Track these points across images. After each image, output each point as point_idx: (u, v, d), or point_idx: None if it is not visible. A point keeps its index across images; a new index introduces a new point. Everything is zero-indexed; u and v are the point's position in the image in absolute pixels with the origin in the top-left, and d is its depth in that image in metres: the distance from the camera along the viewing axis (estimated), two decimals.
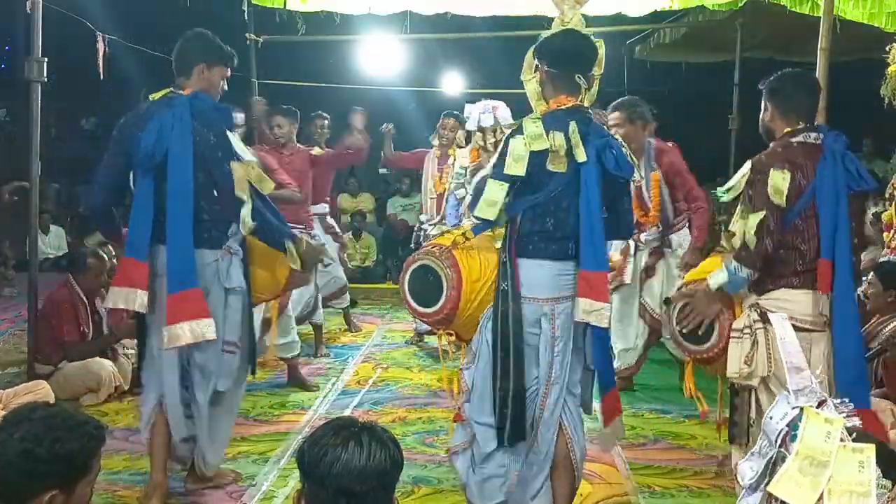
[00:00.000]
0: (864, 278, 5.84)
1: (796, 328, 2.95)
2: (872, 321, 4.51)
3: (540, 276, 3.01)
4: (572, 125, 2.97)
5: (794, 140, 3.18)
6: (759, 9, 7.32)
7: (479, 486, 3.12)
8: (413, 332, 6.78)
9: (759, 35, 8.68)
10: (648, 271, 5.18)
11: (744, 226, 3.12)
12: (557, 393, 3.06)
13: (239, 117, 5.18)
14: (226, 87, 3.69)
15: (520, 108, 3.96)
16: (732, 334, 3.19)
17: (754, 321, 3.14)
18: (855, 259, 3.28)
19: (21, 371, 5.39)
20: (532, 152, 2.97)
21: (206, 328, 3.38)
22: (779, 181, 3.06)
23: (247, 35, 7.22)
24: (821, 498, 1.46)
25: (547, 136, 2.96)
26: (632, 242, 5.14)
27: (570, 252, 3.05)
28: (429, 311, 3.27)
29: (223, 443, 3.79)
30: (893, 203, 5.81)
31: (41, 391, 4.23)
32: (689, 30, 9.08)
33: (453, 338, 3.27)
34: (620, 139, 3.24)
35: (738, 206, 3.26)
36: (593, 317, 2.97)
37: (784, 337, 1.85)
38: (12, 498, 1.84)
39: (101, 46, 6.58)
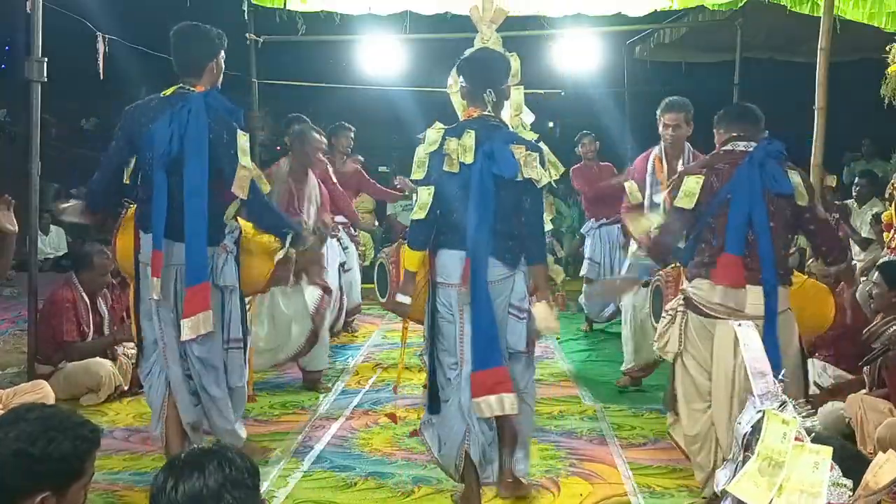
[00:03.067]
0: (863, 279, 5.86)
1: (701, 313, 3.39)
2: (877, 321, 4.48)
3: (451, 264, 3.44)
4: (468, 132, 3.39)
5: (723, 149, 3.54)
6: (759, 9, 7.30)
7: (447, 453, 3.50)
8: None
9: (759, 35, 8.66)
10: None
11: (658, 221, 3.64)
12: (467, 370, 3.41)
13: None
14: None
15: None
16: (662, 314, 3.67)
17: (679, 304, 3.54)
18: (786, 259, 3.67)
19: (21, 371, 5.40)
20: (436, 158, 3.42)
21: (205, 320, 3.49)
22: (691, 185, 3.43)
23: (247, 35, 7.20)
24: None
25: (442, 142, 3.41)
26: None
27: None
28: (383, 301, 4.06)
29: (235, 433, 3.83)
30: (893, 203, 5.81)
31: (41, 391, 4.23)
32: (689, 30, 9.05)
33: (409, 323, 3.92)
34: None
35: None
36: (465, 297, 3.40)
37: (748, 343, 1.89)
38: (4, 497, 1.84)
39: (101, 46, 6.58)
